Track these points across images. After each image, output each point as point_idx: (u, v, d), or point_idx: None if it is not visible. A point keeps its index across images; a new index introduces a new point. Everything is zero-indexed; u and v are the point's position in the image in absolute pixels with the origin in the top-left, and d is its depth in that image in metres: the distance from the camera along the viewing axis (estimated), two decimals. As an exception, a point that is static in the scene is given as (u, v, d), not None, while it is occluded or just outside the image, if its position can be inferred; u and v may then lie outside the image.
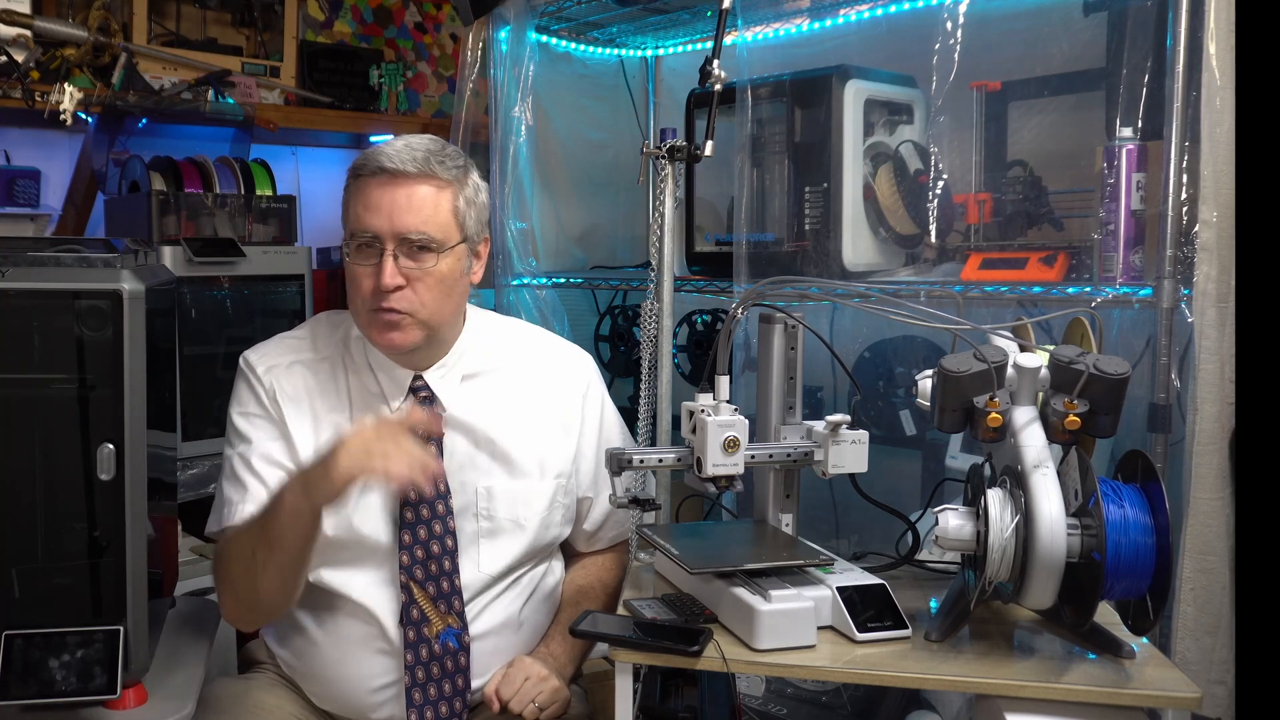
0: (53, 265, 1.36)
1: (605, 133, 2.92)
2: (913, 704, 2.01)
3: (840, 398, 2.20)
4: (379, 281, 1.49)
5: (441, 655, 1.53)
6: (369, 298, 1.52)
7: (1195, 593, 1.59)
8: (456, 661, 1.54)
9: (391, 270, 1.49)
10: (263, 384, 1.58)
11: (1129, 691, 1.23)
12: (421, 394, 1.59)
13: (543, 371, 1.69)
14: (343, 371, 1.61)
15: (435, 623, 1.53)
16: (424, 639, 1.52)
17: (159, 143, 2.65)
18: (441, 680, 1.53)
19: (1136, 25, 1.75)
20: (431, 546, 1.55)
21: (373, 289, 1.51)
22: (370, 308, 1.52)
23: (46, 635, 1.30)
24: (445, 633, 1.54)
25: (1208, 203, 1.59)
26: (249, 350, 1.63)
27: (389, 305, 1.50)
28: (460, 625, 1.55)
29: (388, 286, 1.49)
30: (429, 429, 1.46)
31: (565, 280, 2.68)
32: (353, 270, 1.54)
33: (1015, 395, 1.35)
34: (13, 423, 1.30)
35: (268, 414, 1.58)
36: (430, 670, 1.53)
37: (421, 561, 1.54)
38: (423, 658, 1.52)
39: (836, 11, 2.29)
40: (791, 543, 1.56)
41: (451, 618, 1.54)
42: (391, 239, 1.50)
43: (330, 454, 1.35)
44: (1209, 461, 1.59)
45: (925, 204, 2.01)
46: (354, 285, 1.54)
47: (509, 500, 1.60)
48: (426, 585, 1.53)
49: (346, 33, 3.25)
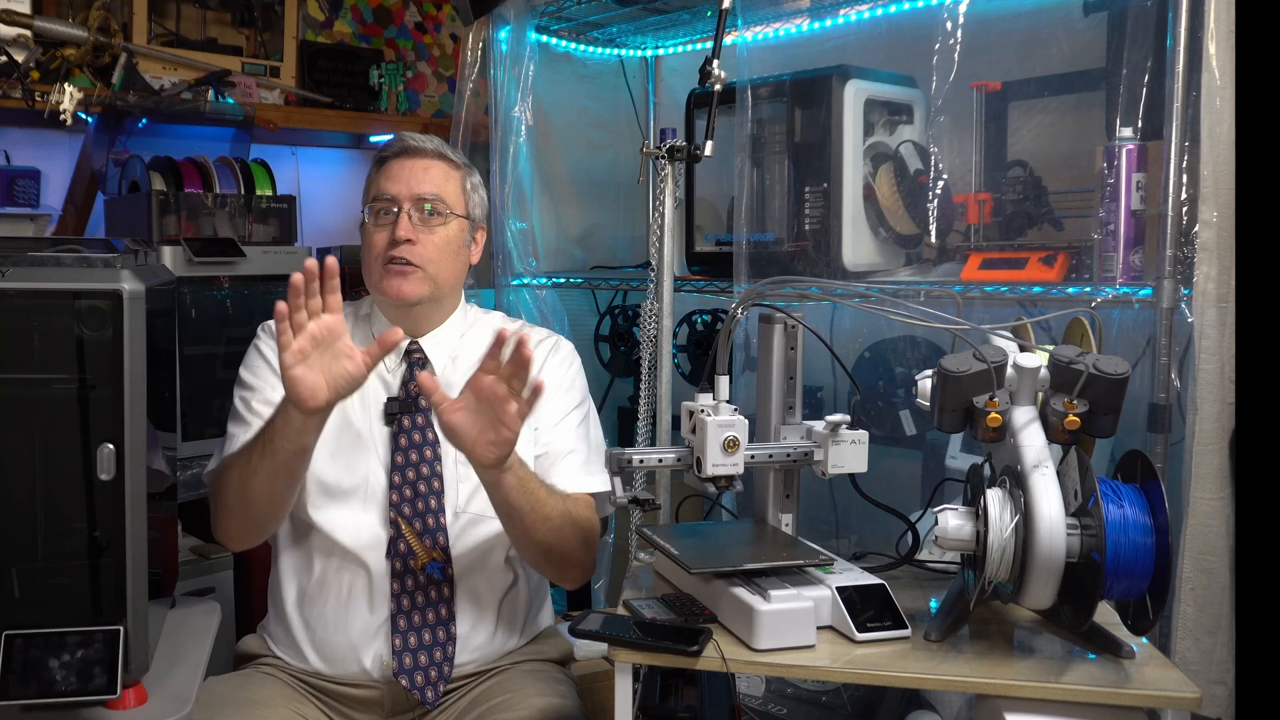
0: (53, 265, 1.36)
1: (605, 133, 2.92)
2: (913, 704, 2.01)
3: (840, 398, 2.20)
4: (393, 234, 1.68)
5: (426, 585, 1.63)
6: (383, 251, 1.69)
7: (1195, 593, 1.59)
8: (440, 592, 1.63)
9: (406, 225, 1.68)
10: (274, 337, 1.60)
11: (1129, 691, 1.23)
12: (415, 356, 1.72)
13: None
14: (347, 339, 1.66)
15: (420, 556, 1.63)
16: (410, 570, 1.62)
17: (159, 143, 2.65)
18: (425, 609, 1.62)
19: (1136, 25, 1.75)
20: (419, 486, 1.65)
21: (387, 242, 1.69)
22: (384, 260, 1.68)
23: (46, 635, 1.30)
24: (430, 565, 1.63)
25: (1208, 203, 1.59)
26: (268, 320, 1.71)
27: (401, 254, 1.67)
28: (444, 559, 1.64)
29: (401, 237, 1.67)
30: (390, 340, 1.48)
31: (565, 280, 2.68)
32: (369, 232, 1.72)
33: (1015, 395, 1.35)
34: (13, 423, 1.30)
35: (270, 364, 1.68)
36: (415, 599, 1.62)
37: (409, 500, 1.65)
38: (408, 587, 1.62)
39: (836, 11, 2.29)
40: (791, 543, 1.56)
41: (436, 552, 1.64)
42: (408, 200, 1.70)
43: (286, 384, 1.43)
44: (1209, 461, 1.59)
45: (925, 204, 2.01)
46: (369, 247, 1.72)
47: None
48: (414, 521, 1.64)
49: (346, 33, 3.25)
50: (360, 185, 1.81)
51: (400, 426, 1.68)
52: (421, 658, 1.60)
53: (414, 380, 1.68)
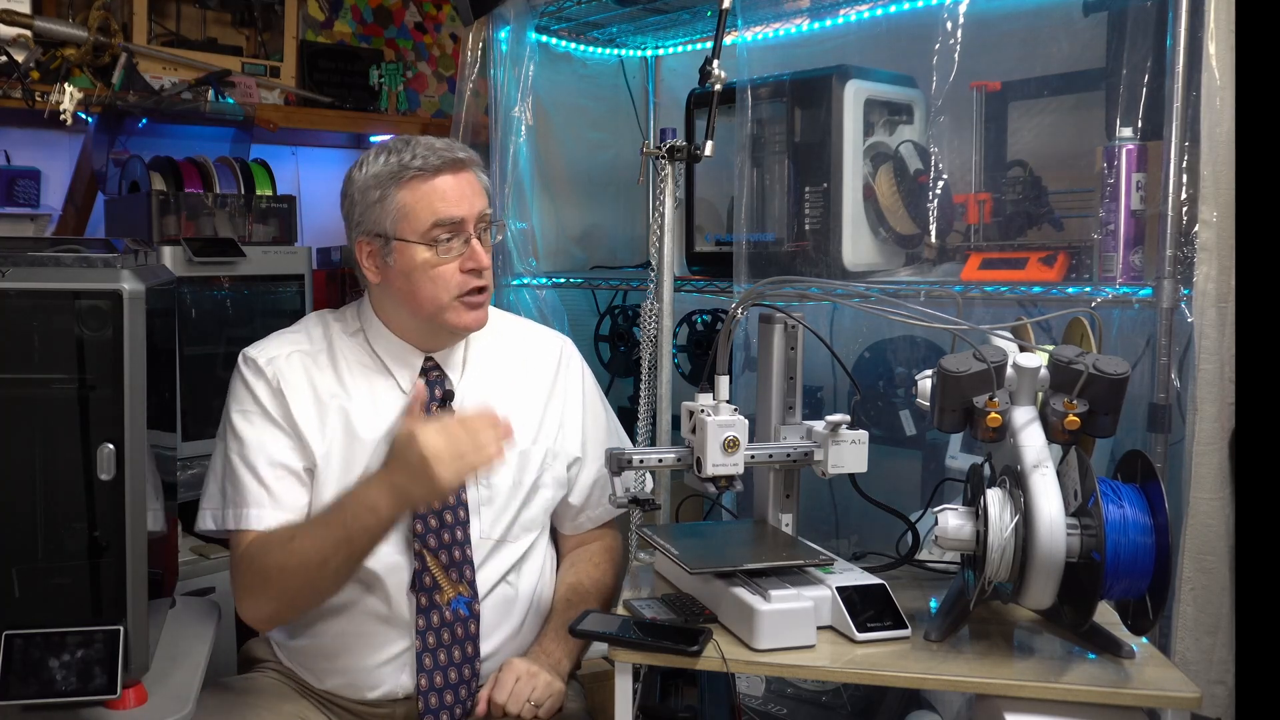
0: (53, 265, 1.36)
1: (605, 133, 2.92)
2: (913, 704, 2.01)
3: (840, 398, 2.20)
4: (476, 263, 1.57)
5: (452, 622, 1.56)
6: (459, 284, 1.56)
7: (1195, 593, 1.59)
8: (467, 629, 1.57)
9: (481, 251, 1.57)
10: (265, 375, 1.59)
11: (1129, 691, 1.23)
12: (433, 374, 1.64)
13: (524, 349, 1.75)
14: (343, 361, 1.64)
15: (447, 590, 1.56)
16: (435, 605, 1.55)
17: (159, 143, 2.65)
18: (452, 647, 1.56)
19: (1136, 25, 1.75)
20: (445, 515, 1.57)
21: (460, 275, 1.56)
22: (463, 291, 1.57)
23: (46, 635, 1.30)
24: (456, 600, 1.56)
25: (1208, 203, 1.59)
26: (247, 348, 1.64)
27: (482, 284, 1.59)
28: (471, 593, 1.57)
29: (486, 265, 1.58)
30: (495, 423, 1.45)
31: (565, 280, 2.68)
32: (431, 263, 1.55)
33: (1015, 395, 1.35)
34: (13, 423, 1.30)
35: (267, 413, 1.58)
36: (441, 637, 1.55)
37: (435, 530, 1.56)
38: (434, 624, 1.55)
39: (836, 11, 2.29)
40: (791, 543, 1.56)
41: (463, 586, 1.57)
42: (474, 221, 1.58)
43: (423, 470, 1.37)
44: (1209, 461, 1.59)
45: (925, 204, 2.00)
46: (433, 280, 1.56)
47: (506, 468, 1.63)
48: (439, 553, 1.56)
49: (346, 33, 3.25)
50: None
51: None
52: (448, 696, 1.56)
53: (434, 400, 1.62)
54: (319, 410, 1.59)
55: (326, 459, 1.57)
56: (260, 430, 1.58)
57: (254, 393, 1.59)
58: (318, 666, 1.61)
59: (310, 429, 1.57)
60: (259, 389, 1.59)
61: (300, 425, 1.57)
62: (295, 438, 1.57)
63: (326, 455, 1.57)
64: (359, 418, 1.59)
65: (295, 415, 1.57)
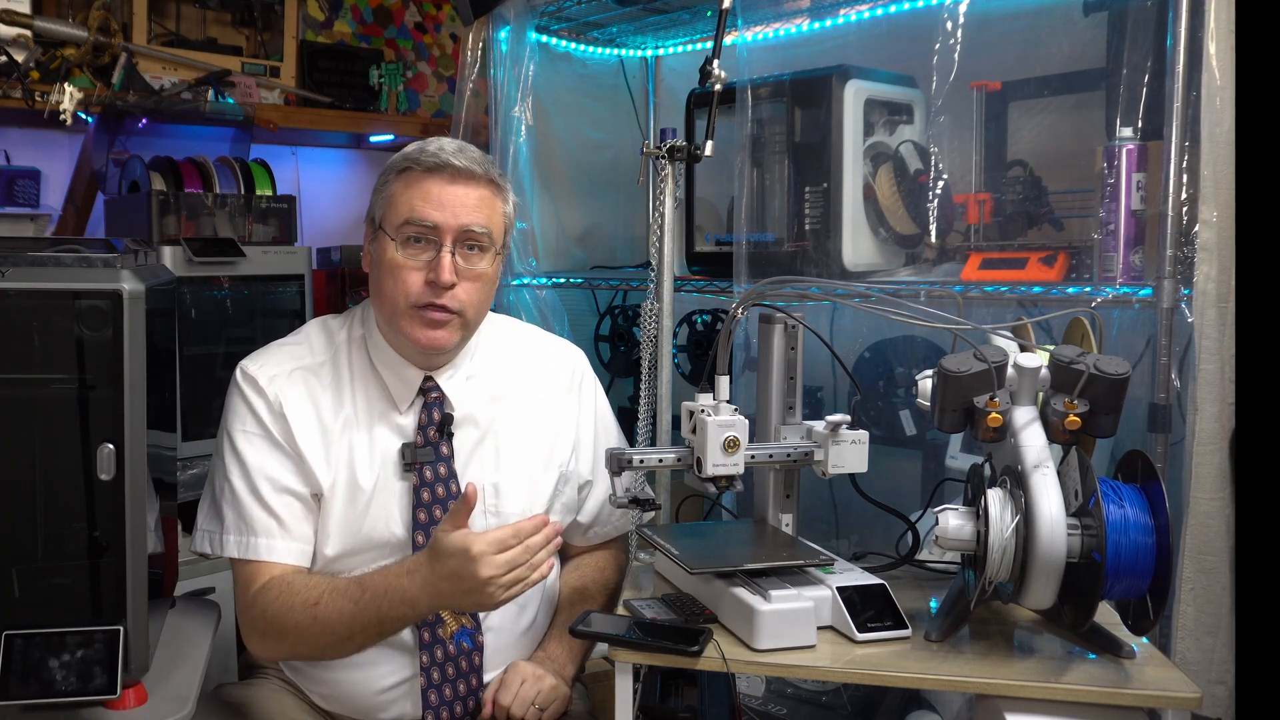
0: (53, 265, 1.35)
1: (605, 133, 2.92)
2: (913, 704, 2.01)
3: (840, 398, 2.20)
4: (436, 276, 1.48)
5: (456, 655, 1.53)
6: (417, 293, 1.49)
7: (1195, 593, 1.59)
8: (471, 661, 1.54)
9: (449, 266, 1.48)
10: (265, 395, 1.53)
11: (1129, 691, 1.23)
12: (432, 395, 1.58)
13: (537, 366, 1.70)
14: (346, 374, 1.58)
15: (449, 623, 1.53)
16: (439, 640, 1.52)
17: (159, 143, 2.65)
18: (456, 680, 1.54)
19: (1136, 25, 1.75)
20: None
21: (422, 284, 1.49)
22: (416, 303, 1.50)
23: (46, 635, 1.30)
24: (459, 633, 1.54)
25: (1208, 203, 1.59)
26: (245, 361, 1.58)
27: (441, 302, 1.49)
28: (474, 625, 1.55)
29: (447, 283, 1.48)
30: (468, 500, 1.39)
31: (565, 280, 2.68)
32: (396, 263, 1.50)
33: (1015, 395, 1.35)
34: (13, 423, 1.30)
35: (269, 434, 1.53)
36: (445, 670, 1.53)
37: None
38: (438, 658, 1.52)
39: (836, 11, 2.29)
40: (791, 543, 1.56)
41: (465, 618, 1.54)
42: (452, 234, 1.49)
43: (478, 590, 1.36)
44: (1209, 461, 1.59)
45: (925, 204, 2.00)
46: (395, 279, 1.50)
47: (514, 495, 1.60)
48: None
49: (346, 33, 3.25)
50: (360, 185, 1.73)
51: (422, 479, 1.53)
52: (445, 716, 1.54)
53: (433, 424, 1.56)
54: (324, 438, 1.53)
55: (332, 490, 1.53)
56: (262, 453, 1.52)
57: (255, 412, 1.53)
58: (321, 690, 1.58)
59: (315, 457, 1.52)
60: (259, 408, 1.53)
61: (304, 451, 1.52)
62: (298, 461, 1.52)
63: (332, 487, 1.53)
64: (360, 462, 1.54)
65: (299, 440, 1.52)
